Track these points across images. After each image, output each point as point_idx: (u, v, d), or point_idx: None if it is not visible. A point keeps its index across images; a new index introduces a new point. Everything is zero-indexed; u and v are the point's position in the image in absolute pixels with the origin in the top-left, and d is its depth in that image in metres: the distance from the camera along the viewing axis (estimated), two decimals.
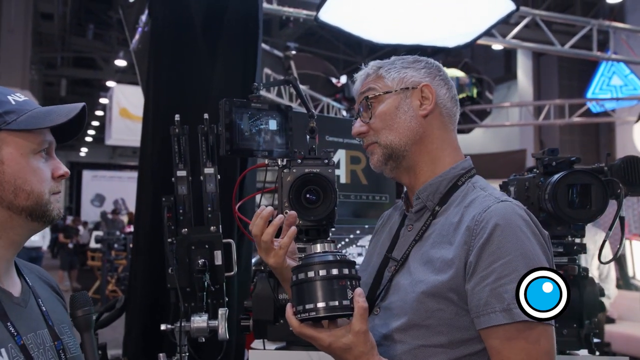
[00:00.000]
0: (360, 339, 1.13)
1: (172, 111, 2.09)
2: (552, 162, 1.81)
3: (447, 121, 1.39)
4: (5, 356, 1.10)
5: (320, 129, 3.14)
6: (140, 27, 4.65)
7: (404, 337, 1.24)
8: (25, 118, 1.19)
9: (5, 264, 1.23)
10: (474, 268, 1.18)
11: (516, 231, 1.17)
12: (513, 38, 8.07)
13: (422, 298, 1.22)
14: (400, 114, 1.37)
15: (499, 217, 1.19)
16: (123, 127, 14.22)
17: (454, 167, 1.36)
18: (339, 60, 17.25)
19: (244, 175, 2.74)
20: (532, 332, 1.13)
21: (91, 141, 27.38)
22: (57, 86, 20.56)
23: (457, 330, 1.20)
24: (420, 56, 1.45)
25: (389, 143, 1.37)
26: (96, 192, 21.82)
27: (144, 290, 3.25)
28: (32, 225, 1.23)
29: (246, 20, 3.04)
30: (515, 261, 1.15)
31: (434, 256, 1.26)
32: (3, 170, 1.17)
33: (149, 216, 3.21)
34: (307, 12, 5.65)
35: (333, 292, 1.12)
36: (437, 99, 1.37)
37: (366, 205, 3.31)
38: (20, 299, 1.23)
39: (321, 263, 1.15)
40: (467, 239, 1.21)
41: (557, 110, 12.41)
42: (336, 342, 1.14)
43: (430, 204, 1.34)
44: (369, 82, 1.43)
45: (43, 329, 1.24)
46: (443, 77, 1.42)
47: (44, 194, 1.21)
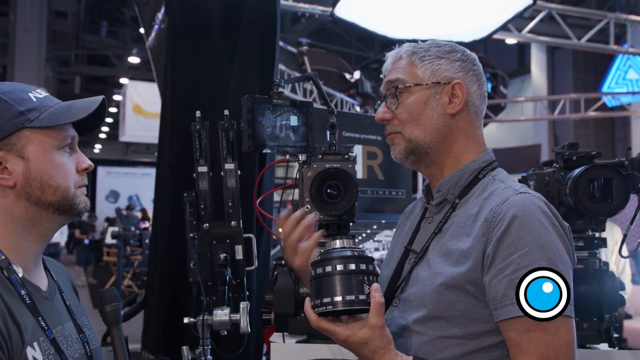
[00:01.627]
0: (377, 334, 1.14)
1: (190, 108, 2.11)
2: (573, 157, 1.81)
3: (474, 118, 1.38)
4: (38, 349, 1.13)
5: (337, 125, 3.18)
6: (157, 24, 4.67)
7: (423, 328, 1.25)
8: (47, 115, 1.21)
9: (34, 258, 1.26)
10: (491, 260, 1.17)
11: (534, 223, 1.16)
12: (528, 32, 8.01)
13: (440, 290, 1.23)
14: (428, 109, 1.35)
15: (517, 209, 1.18)
16: (136, 124, 14.28)
17: (475, 160, 1.35)
18: (352, 56, 17.21)
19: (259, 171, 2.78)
20: (550, 324, 1.12)
21: (105, 138, 27.55)
22: (71, 83, 20.71)
23: (475, 322, 1.20)
24: (456, 44, 1.40)
25: (413, 138, 1.35)
26: (110, 189, 21.96)
27: (163, 285, 3.29)
28: (60, 219, 1.26)
29: (264, 17, 3.05)
30: (533, 253, 1.14)
31: (452, 248, 1.26)
32: (29, 167, 1.19)
33: (168, 212, 3.24)
34: (322, 8, 5.65)
35: (350, 287, 1.14)
36: (467, 97, 1.35)
37: (383, 201, 3.32)
38: (48, 293, 1.26)
39: (340, 258, 1.17)
40: (485, 231, 1.20)
41: (572, 105, 12.31)
42: (353, 337, 1.15)
43: (451, 196, 1.34)
44: (399, 69, 1.39)
45: (68, 322, 1.28)
46: (476, 72, 1.38)
47: (69, 189, 1.24)
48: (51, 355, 1.15)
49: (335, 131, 1.86)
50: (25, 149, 1.19)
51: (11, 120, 1.17)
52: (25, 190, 1.19)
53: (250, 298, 2.33)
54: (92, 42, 18.38)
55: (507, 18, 3.74)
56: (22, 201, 1.20)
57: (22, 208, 1.20)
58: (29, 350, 1.11)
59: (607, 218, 1.82)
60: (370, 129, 3.31)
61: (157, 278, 3.42)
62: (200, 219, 2.06)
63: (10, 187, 1.19)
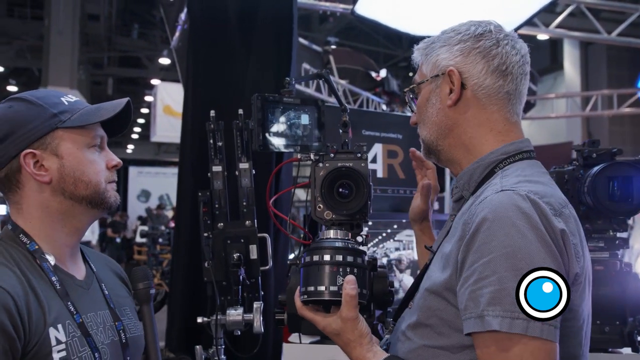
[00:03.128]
0: (348, 326, 1.13)
1: (210, 107, 2.11)
2: (593, 154, 1.75)
3: (486, 102, 1.22)
4: (62, 331, 1.21)
5: (357, 123, 3.17)
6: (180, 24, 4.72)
7: (412, 335, 1.18)
8: (77, 116, 1.32)
9: (69, 249, 1.35)
10: (460, 267, 1.07)
11: (505, 225, 1.02)
12: (558, 27, 7.84)
13: (425, 295, 1.16)
14: (429, 107, 1.28)
15: (489, 210, 1.05)
16: (167, 124, 14.48)
17: (492, 152, 1.21)
18: (379, 54, 17.14)
19: (279, 170, 2.77)
20: (511, 344, 0.99)
21: (137, 138, 28.03)
22: (104, 85, 21.13)
23: (458, 333, 1.09)
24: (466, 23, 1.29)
25: (424, 139, 1.31)
26: (142, 188, 22.30)
27: (185, 284, 3.32)
28: (93, 212, 1.36)
29: (280, 16, 3.05)
30: (496, 261, 1.00)
31: (443, 251, 1.18)
32: (63, 164, 1.30)
33: (189, 211, 3.27)
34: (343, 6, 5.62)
35: (322, 277, 1.15)
36: (469, 81, 1.22)
37: (404, 200, 3.28)
38: (83, 282, 1.36)
39: (318, 249, 1.20)
40: (462, 234, 1.10)
41: (606, 101, 12.00)
42: (328, 327, 1.17)
43: (467, 193, 1.24)
44: (418, 67, 1.35)
45: (104, 310, 1.37)
46: (481, 49, 1.22)
47: (100, 183, 1.34)
48: (76, 338, 1.23)
49: (348, 129, 1.83)
50: (59, 148, 1.30)
51: (46, 121, 1.29)
52: (60, 186, 1.30)
53: (266, 298, 2.32)
54: (123, 44, 18.71)
55: (532, 13, 3.67)
56: (58, 196, 1.30)
57: (58, 202, 1.30)
58: (52, 331, 1.19)
59: (628, 217, 1.75)
60: (391, 127, 3.28)
61: (180, 277, 3.45)
62: (215, 218, 2.06)
63: (46, 183, 1.29)
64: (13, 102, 1.31)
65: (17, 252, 1.26)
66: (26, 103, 1.30)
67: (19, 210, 1.31)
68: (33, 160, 1.28)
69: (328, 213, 1.74)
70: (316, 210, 1.74)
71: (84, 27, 16.13)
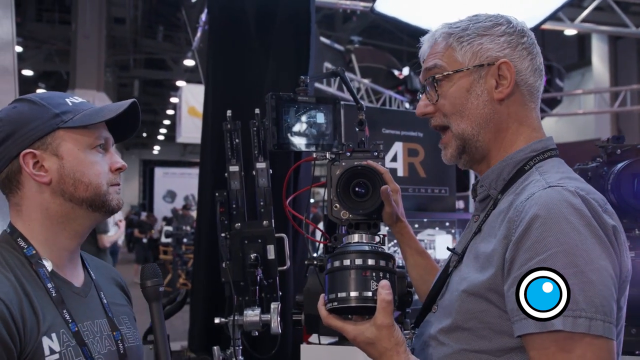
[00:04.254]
0: (384, 334, 1.07)
1: (229, 108, 2.11)
2: (617, 150, 1.69)
3: (528, 99, 1.21)
4: (56, 340, 1.18)
5: (377, 122, 3.14)
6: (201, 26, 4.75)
7: (447, 339, 1.14)
8: (80, 117, 1.29)
9: (68, 254, 1.31)
10: (509, 266, 1.03)
11: (559, 222, 0.99)
12: (586, 21, 7.68)
13: (463, 297, 1.11)
14: (472, 98, 1.20)
15: (540, 206, 1.01)
16: (192, 125, 14.59)
17: (522, 149, 1.19)
18: (403, 52, 17.03)
19: (296, 169, 2.76)
20: (574, 345, 0.96)
21: (163, 139, 28.39)
22: (130, 87, 21.44)
23: (500, 336, 1.06)
24: (500, 16, 1.23)
25: (461, 132, 1.21)
26: (167, 189, 22.54)
27: (206, 284, 3.33)
28: (93, 216, 1.32)
29: (298, 16, 3.04)
30: (555, 258, 0.97)
31: (480, 251, 1.13)
32: (63, 164, 1.26)
33: (209, 211, 3.28)
34: (364, 4, 5.60)
35: (356, 283, 1.08)
36: (517, 76, 1.18)
37: (425, 199, 3.24)
38: (81, 290, 1.32)
39: (348, 253, 1.12)
40: (507, 232, 1.06)
41: (636, 96, 11.73)
42: (360, 336, 1.09)
43: (494, 191, 1.20)
44: (436, 54, 1.24)
45: (102, 318, 1.32)
46: (527, 45, 1.20)
47: (101, 186, 1.30)
48: (70, 347, 1.19)
49: (364, 128, 1.81)
50: (60, 148, 1.27)
51: (47, 121, 1.26)
52: (59, 187, 1.26)
53: (285, 299, 2.31)
54: (149, 46, 18.96)
55: (556, 7, 3.59)
56: (57, 197, 1.27)
57: (58, 204, 1.27)
58: (45, 340, 1.16)
59: None
60: (411, 126, 3.23)
61: (201, 277, 3.47)
62: (232, 218, 2.06)
63: (46, 183, 1.26)
64: (18, 103, 1.30)
65: (12, 256, 1.23)
66: (30, 103, 1.28)
67: (18, 212, 1.28)
68: (33, 160, 1.26)
69: (345, 213, 1.72)
70: (332, 210, 1.72)
71: (110, 30, 16.38)
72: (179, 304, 2.71)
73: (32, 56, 17.19)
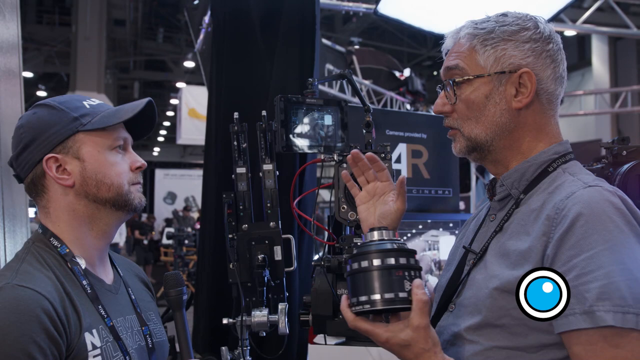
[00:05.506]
0: (421, 335, 1.03)
1: (233, 110, 2.12)
2: (623, 151, 1.69)
3: (547, 107, 1.21)
4: (96, 336, 1.22)
5: (381, 123, 3.15)
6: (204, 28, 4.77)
7: (476, 337, 1.13)
8: (98, 119, 1.32)
9: (98, 253, 1.36)
10: (551, 262, 1.05)
11: (604, 221, 1.02)
12: (586, 22, 7.69)
13: (495, 294, 1.10)
14: (490, 105, 1.20)
15: (583, 205, 1.04)
16: (192, 127, 14.62)
17: (545, 151, 1.20)
18: (404, 53, 17.06)
19: (302, 171, 2.77)
20: (622, 340, 0.97)
21: (163, 141, 28.37)
22: (130, 89, 21.46)
23: (535, 333, 1.07)
24: (529, 18, 1.22)
25: (473, 136, 1.22)
26: (168, 190, 22.54)
27: (211, 285, 3.33)
28: (118, 215, 1.36)
29: (303, 17, 3.05)
30: (600, 256, 0.99)
31: (510, 248, 1.14)
32: (84, 167, 1.30)
33: (214, 213, 3.28)
34: (366, 5, 5.61)
35: (390, 284, 1.03)
36: (538, 85, 1.18)
37: (429, 200, 3.25)
38: (112, 287, 1.37)
39: (377, 252, 1.06)
40: (546, 229, 1.07)
41: (636, 97, 11.74)
42: (394, 338, 1.05)
43: (515, 191, 1.21)
44: (459, 54, 1.23)
45: (132, 314, 1.37)
46: (551, 52, 1.20)
47: (123, 185, 1.34)
48: (109, 342, 1.24)
49: (372, 130, 1.82)
50: (81, 151, 1.30)
51: (67, 125, 1.30)
52: (83, 189, 1.30)
53: (291, 300, 2.32)
54: (149, 48, 18.99)
55: (559, 8, 3.61)
56: (82, 199, 1.31)
57: (83, 205, 1.31)
58: (87, 336, 1.20)
59: None
60: (415, 127, 3.25)
61: (206, 278, 3.48)
62: (239, 220, 2.06)
63: (69, 186, 1.30)
64: (37, 109, 1.33)
65: (49, 255, 1.27)
66: (49, 108, 1.31)
67: (47, 214, 1.32)
68: (55, 164, 1.29)
69: (352, 214, 1.74)
70: (340, 211, 1.74)
71: (110, 32, 16.40)
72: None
73: (32, 58, 17.20)
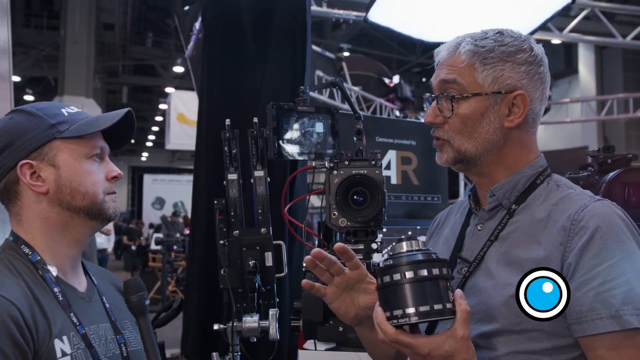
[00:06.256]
0: (464, 346, 1.05)
1: (225, 116, 2.14)
2: (608, 160, 1.73)
3: (531, 125, 1.27)
4: (67, 342, 1.20)
5: (370, 130, 3.18)
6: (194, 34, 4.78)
7: (492, 343, 1.17)
8: (76, 127, 1.31)
9: (70, 261, 1.34)
10: (573, 271, 1.10)
11: (618, 233, 1.11)
12: (572, 31, 7.79)
13: (512, 302, 1.12)
14: (484, 122, 1.23)
15: (600, 218, 1.12)
16: (181, 132, 14.58)
17: (531, 165, 1.26)
18: (393, 60, 17.14)
19: (293, 177, 2.78)
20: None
21: (152, 146, 28.29)
22: (119, 94, 21.36)
23: (551, 337, 1.12)
24: (524, 39, 1.26)
25: (463, 150, 1.25)
26: (156, 196, 22.44)
27: (201, 291, 3.33)
28: (91, 224, 1.35)
29: (294, 24, 3.07)
30: (621, 264, 1.08)
31: (520, 257, 1.17)
32: (59, 174, 1.29)
33: (204, 218, 3.29)
34: (356, 13, 5.65)
35: (439, 294, 1.04)
36: (528, 106, 1.23)
37: (418, 206, 3.28)
38: (85, 294, 1.35)
39: (423, 262, 1.05)
40: (562, 239, 1.13)
41: (622, 105, 11.89)
42: (437, 350, 1.04)
43: (507, 202, 1.25)
44: (457, 68, 1.24)
45: (105, 322, 1.35)
46: (542, 75, 1.26)
47: (98, 194, 1.32)
48: (80, 350, 1.22)
49: (362, 137, 1.84)
50: (56, 158, 1.29)
51: (43, 132, 1.28)
52: (57, 196, 1.29)
53: (282, 305, 2.33)
54: (138, 52, 18.93)
55: (546, 17, 3.66)
56: (55, 207, 1.29)
57: (56, 213, 1.30)
58: (57, 343, 1.18)
59: None
60: (405, 134, 3.28)
61: (195, 284, 3.47)
62: (231, 226, 2.07)
63: (43, 193, 1.28)
64: (14, 114, 1.32)
65: (19, 263, 1.25)
66: (26, 114, 1.30)
67: (19, 221, 1.31)
68: (30, 170, 1.28)
69: (343, 220, 1.76)
70: (331, 218, 1.75)
71: (99, 36, 16.33)
72: (175, 311, 2.72)
73: (20, 62, 17.09)
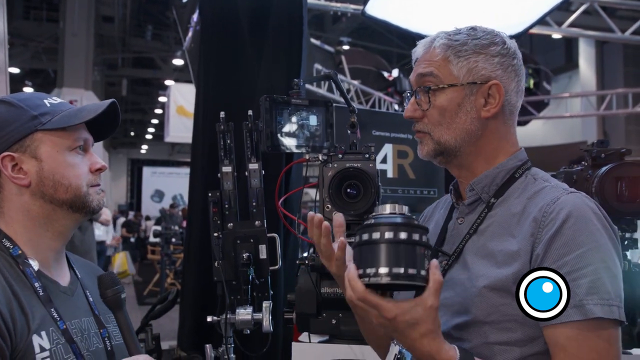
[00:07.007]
0: (431, 316, 1.03)
1: (220, 109, 2.13)
2: (601, 154, 1.74)
3: (508, 117, 1.29)
4: (45, 337, 1.19)
5: (367, 124, 3.18)
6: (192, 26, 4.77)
7: (465, 334, 1.18)
8: (58, 118, 1.29)
9: (53, 254, 1.32)
10: (541, 261, 1.11)
11: (588, 223, 1.11)
12: (572, 26, 7.77)
13: (484, 292, 1.16)
14: (461, 113, 1.26)
15: (571, 209, 1.12)
16: (180, 125, 14.55)
17: (511, 158, 1.28)
18: (393, 54, 17.11)
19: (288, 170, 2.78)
20: (604, 331, 1.07)
21: (151, 139, 28.27)
22: (118, 86, 21.31)
23: (523, 327, 1.13)
24: (496, 34, 1.29)
25: (442, 141, 1.27)
26: (156, 188, 22.45)
27: (197, 284, 3.34)
28: (75, 217, 1.33)
29: (291, 17, 3.06)
30: (589, 254, 1.08)
31: (494, 249, 1.19)
32: (42, 167, 1.27)
33: (200, 211, 3.29)
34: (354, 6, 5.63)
35: (415, 259, 1.00)
36: (504, 97, 1.25)
37: (414, 200, 3.28)
38: (67, 288, 1.33)
39: (404, 225, 1.02)
40: (533, 231, 1.14)
41: (621, 100, 11.87)
42: (402, 316, 1.02)
43: (486, 196, 1.27)
44: (432, 62, 1.27)
45: (89, 317, 1.34)
46: (515, 67, 1.28)
47: (81, 187, 1.30)
48: (60, 345, 1.21)
49: (356, 130, 1.84)
50: (39, 150, 1.27)
51: (25, 123, 1.26)
52: (39, 189, 1.27)
53: (276, 298, 2.33)
54: (137, 45, 18.88)
55: (544, 11, 3.65)
56: (37, 199, 1.28)
57: (38, 206, 1.28)
58: (35, 338, 1.16)
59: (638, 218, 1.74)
60: (401, 128, 3.28)
61: (191, 276, 3.48)
62: (225, 218, 2.08)
63: (25, 186, 1.27)
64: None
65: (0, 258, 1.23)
66: (7, 105, 1.28)
67: (1, 214, 1.28)
68: (11, 163, 1.26)
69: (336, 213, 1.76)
70: (324, 211, 1.75)
71: (98, 29, 16.28)
72: (170, 303, 2.74)
73: (19, 54, 17.04)
